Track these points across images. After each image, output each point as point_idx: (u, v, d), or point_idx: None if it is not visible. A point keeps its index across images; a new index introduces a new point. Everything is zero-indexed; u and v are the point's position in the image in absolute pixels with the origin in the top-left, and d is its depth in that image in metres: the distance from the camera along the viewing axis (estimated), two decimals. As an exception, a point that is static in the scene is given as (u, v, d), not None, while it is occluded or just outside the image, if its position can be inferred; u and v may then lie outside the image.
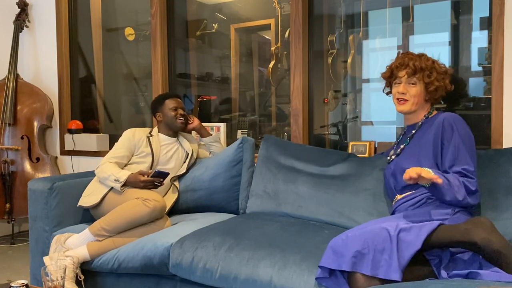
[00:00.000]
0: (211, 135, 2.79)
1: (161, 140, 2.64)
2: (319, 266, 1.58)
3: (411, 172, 1.59)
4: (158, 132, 2.68)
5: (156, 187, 2.40)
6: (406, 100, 1.96)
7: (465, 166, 1.77)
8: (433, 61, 1.98)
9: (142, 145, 2.56)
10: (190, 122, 2.75)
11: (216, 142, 2.79)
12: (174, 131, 2.68)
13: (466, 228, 1.46)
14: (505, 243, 1.43)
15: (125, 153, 2.53)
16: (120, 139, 2.59)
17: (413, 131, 1.99)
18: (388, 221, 1.62)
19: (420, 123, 1.99)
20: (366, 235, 1.52)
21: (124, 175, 2.35)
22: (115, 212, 2.26)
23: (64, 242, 2.25)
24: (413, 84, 1.96)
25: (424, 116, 2.00)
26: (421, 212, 1.73)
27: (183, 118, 2.65)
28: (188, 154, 2.69)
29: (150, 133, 2.64)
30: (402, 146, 2.02)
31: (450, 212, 1.70)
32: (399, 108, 2.00)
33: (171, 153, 2.63)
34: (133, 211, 2.23)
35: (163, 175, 2.39)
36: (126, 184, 2.37)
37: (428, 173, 1.60)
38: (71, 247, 2.23)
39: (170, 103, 2.66)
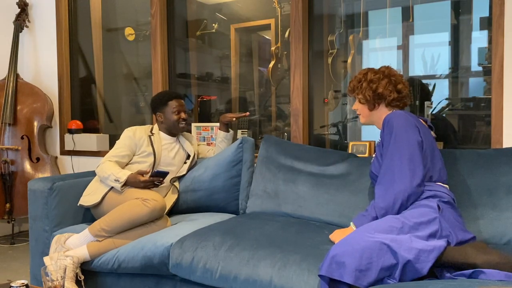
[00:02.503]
0: (229, 132, 2.76)
1: (162, 139, 2.62)
2: (319, 275, 1.54)
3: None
4: (159, 130, 2.66)
5: (156, 186, 2.40)
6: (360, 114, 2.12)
7: (376, 191, 1.86)
8: (366, 73, 2.07)
9: (144, 145, 2.53)
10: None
11: (228, 140, 2.77)
12: (174, 132, 2.67)
13: (466, 254, 1.51)
14: (502, 256, 1.47)
15: (126, 152, 2.51)
16: (121, 138, 2.56)
17: (379, 139, 2.03)
18: (390, 232, 1.60)
19: (381, 127, 2.02)
20: (373, 250, 1.49)
21: (124, 175, 2.34)
22: (114, 212, 2.26)
23: (64, 242, 2.25)
24: (357, 99, 2.10)
25: (384, 118, 2.02)
26: (411, 215, 1.71)
27: (184, 122, 2.61)
28: (189, 155, 2.68)
29: (151, 131, 2.61)
30: (374, 155, 2.11)
31: (436, 210, 1.70)
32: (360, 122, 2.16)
33: (173, 153, 2.62)
34: (132, 211, 2.23)
35: (162, 174, 2.38)
36: (126, 184, 2.36)
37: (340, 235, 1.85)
38: (71, 247, 2.23)
39: (173, 105, 2.58)
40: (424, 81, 2.75)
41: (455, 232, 1.64)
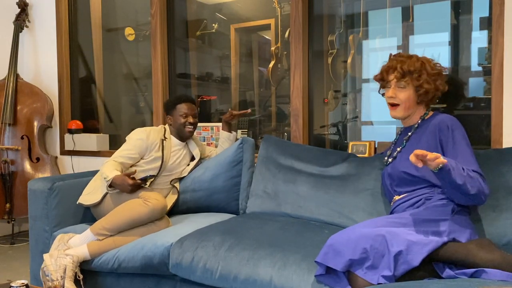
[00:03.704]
0: (231, 133, 2.79)
1: (173, 144, 2.60)
2: (316, 261, 1.58)
3: (418, 152, 1.49)
4: (170, 134, 2.62)
5: (141, 187, 2.40)
6: (398, 105, 1.94)
7: (476, 168, 1.72)
8: (423, 63, 1.93)
9: (154, 149, 2.49)
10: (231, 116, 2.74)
11: (231, 141, 2.78)
12: (182, 137, 2.63)
13: (469, 251, 1.49)
14: (505, 256, 1.46)
15: (134, 155, 2.45)
16: (132, 138, 2.50)
17: (409, 133, 1.99)
18: (392, 226, 1.61)
19: (416, 125, 1.98)
20: (367, 241, 1.50)
21: (111, 174, 2.30)
22: (116, 211, 2.27)
23: (67, 241, 2.26)
24: (402, 87, 1.92)
25: (420, 117, 1.98)
26: (422, 213, 1.71)
27: (192, 127, 2.57)
28: (194, 158, 2.67)
29: (164, 135, 2.56)
30: (398, 149, 2.01)
31: (449, 212, 1.70)
32: (392, 114, 1.98)
33: (179, 160, 2.61)
34: (133, 210, 2.24)
35: (150, 177, 2.42)
36: (112, 185, 2.32)
37: (434, 155, 1.50)
38: (73, 247, 2.24)
39: (181, 108, 2.57)
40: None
41: (464, 233, 1.63)
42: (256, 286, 1.79)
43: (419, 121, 1.97)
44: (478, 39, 2.58)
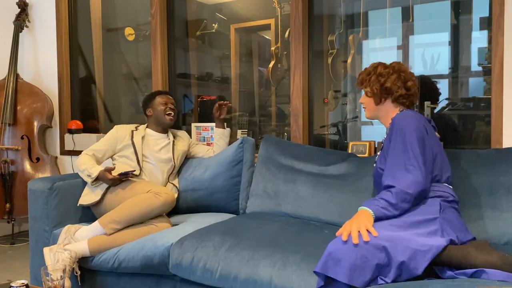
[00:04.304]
0: (225, 129, 2.84)
1: (148, 134, 2.66)
2: (315, 272, 1.55)
3: (344, 236, 1.56)
4: (147, 127, 2.70)
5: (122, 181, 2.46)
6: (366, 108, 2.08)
7: (390, 182, 1.74)
8: (375, 66, 2.02)
9: (125, 139, 2.60)
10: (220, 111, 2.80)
11: (225, 137, 2.82)
12: (163, 127, 2.69)
13: (468, 253, 1.49)
14: (503, 257, 1.46)
15: (103, 147, 2.59)
16: (106, 134, 2.66)
17: (385, 136, 2.02)
18: (389, 230, 1.60)
19: (389, 127, 2.01)
20: (368, 249, 1.49)
21: (96, 171, 2.40)
22: (126, 204, 2.28)
23: (74, 233, 2.26)
24: (364, 92, 2.06)
25: (391, 119, 2.00)
26: (412, 214, 1.70)
27: (172, 114, 2.67)
28: (171, 145, 2.68)
29: (136, 128, 2.68)
30: (378, 153, 2.05)
31: (437, 210, 1.69)
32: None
33: (159, 147, 2.64)
34: (145, 204, 2.26)
35: (129, 172, 2.46)
36: (98, 179, 2.42)
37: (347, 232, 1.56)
38: (80, 239, 2.24)
39: (160, 99, 2.69)
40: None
41: (455, 233, 1.63)
42: (256, 286, 1.79)
43: (391, 123, 2.00)
44: (478, 39, 2.59)
